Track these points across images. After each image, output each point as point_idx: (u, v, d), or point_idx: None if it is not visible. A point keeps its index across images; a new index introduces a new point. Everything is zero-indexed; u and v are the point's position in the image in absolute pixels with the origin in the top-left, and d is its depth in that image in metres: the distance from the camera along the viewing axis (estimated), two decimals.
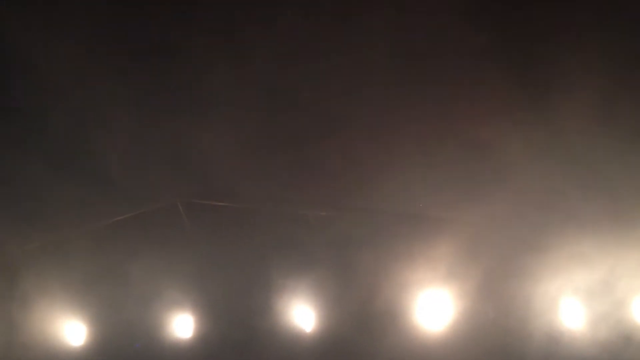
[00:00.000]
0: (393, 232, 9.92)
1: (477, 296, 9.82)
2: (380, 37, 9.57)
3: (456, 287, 9.78)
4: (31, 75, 8.77)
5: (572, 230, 9.19)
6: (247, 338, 10.00)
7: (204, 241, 10.11)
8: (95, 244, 9.76)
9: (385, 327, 9.88)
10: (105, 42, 8.97)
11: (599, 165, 9.28)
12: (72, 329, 9.97)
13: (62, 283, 9.72)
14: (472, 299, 9.85)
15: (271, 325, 10.04)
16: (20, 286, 9.69)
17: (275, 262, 9.97)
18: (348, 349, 9.94)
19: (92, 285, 9.80)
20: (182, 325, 10.16)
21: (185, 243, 10.06)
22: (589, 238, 9.05)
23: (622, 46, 8.79)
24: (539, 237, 9.58)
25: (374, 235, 9.96)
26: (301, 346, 10.06)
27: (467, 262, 9.71)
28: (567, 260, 9.23)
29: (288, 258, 10.02)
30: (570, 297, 9.41)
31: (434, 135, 9.97)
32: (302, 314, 10.11)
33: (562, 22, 8.83)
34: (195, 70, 9.51)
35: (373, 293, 9.93)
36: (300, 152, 10.34)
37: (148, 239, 9.87)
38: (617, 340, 9.10)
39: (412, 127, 10.13)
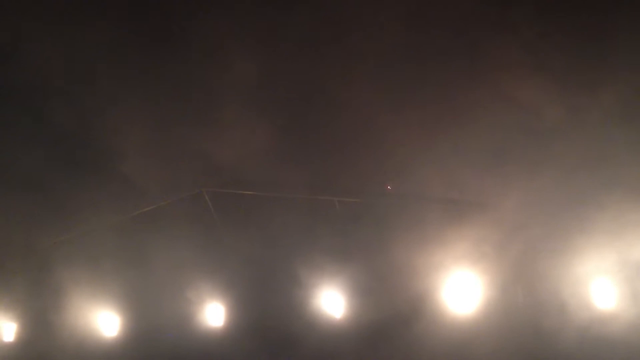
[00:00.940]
0: (425, 217, 9.46)
1: (520, 274, 9.24)
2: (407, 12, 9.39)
3: (498, 265, 9.27)
4: (54, 83, 9.02)
5: (619, 196, 8.56)
6: (277, 326, 9.82)
7: (231, 230, 10.03)
8: (124, 236, 9.86)
9: (419, 310, 9.46)
10: (120, 42, 9.16)
11: None
12: (104, 320, 10.10)
13: (93, 275, 9.88)
14: (514, 277, 9.29)
15: (301, 312, 9.81)
16: (51, 278, 9.90)
17: (302, 248, 9.76)
18: (382, 334, 9.58)
19: (123, 276, 9.89)
20: (213, 314, 10.11)
21: (212, 232, 10.01)
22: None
23: None
24: (585, 207, 8.98)
25: (405, 220, 9.54)
26: (333, 333, 9.76)
27: (511, 240, 9.17)
28: (620, 229, 8.62)
29: (316, 245, 9.79)
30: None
31: (465, 108, 9.57)
32: (332, 300, 9.82)
33: None
34: (214, 63, 9.50)
35: (404, 279, 9.55)
36: (325, 139, 10.17)
37: (176, 229, 9.84)
38: None
39: (442, 104, 9.79)
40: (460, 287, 9.28)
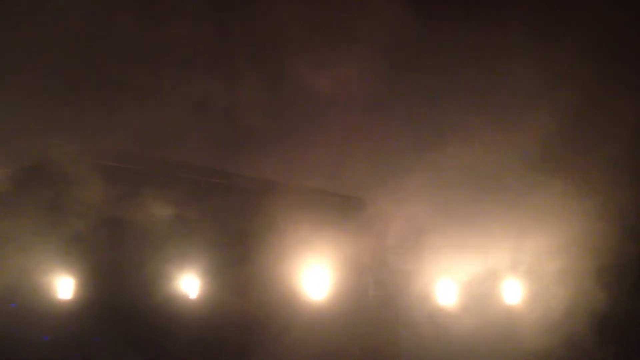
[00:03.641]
0: (291, 205, 9.52)
1: (375, 268, 10.01)
2: None
3: (356, 258, 9.80)
4: None
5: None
6: (125, 303, 9.71)
7: (79, 201, 9.43)
8: None
9: (275, 297, 9.81)
10: None
11: None
12: None
13: None
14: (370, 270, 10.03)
15: (154, 293, 9.71)
16: None
17: (160, 227, 9.50)
18: (234, 317, 9.83)
19: None
20: (61, 286, 9.74)
21: (60, 203, 9.37)
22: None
23: None
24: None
25: (262, 205, 9.61)
26: (188, 317, 9.87)
27: (374, 234, 9.82)
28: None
29: (175, 224, 9.57)
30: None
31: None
32: (188, 283, 9.91)
33: None
34: None
35: (262, 265, 9.69)
36: (205, 117, 9.77)
37: (23, 197, 9.16)
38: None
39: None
40: (317, 276, 9.83)
